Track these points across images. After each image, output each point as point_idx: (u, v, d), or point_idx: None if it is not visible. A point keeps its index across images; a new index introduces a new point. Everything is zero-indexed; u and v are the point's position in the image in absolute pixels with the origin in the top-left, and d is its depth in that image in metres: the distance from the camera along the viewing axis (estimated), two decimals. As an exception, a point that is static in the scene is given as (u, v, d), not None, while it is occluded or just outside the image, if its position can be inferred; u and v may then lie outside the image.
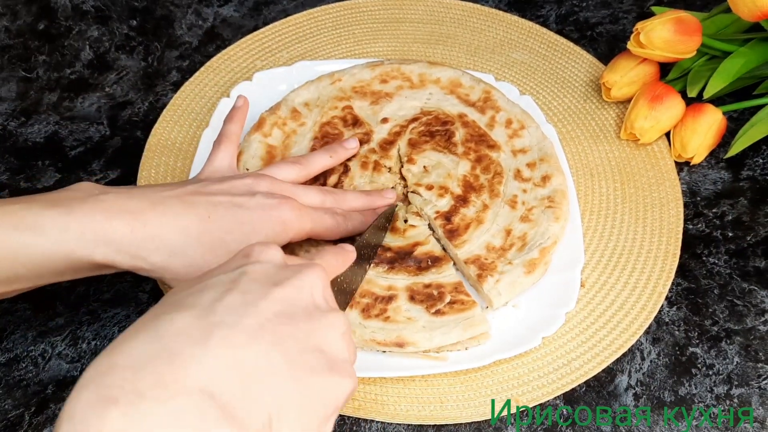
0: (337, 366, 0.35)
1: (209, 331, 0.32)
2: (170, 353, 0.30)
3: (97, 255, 0.43)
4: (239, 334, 0.32)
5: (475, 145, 0.64)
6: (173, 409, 0.28)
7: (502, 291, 0.55)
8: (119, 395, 0.28)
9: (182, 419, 0.28)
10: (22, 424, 0.52)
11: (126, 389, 0.28)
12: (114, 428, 0.27)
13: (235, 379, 0.31)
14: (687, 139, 0.64)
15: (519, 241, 0.58)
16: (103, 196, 0.45)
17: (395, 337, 0.52)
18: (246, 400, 0.31)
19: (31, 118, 0.70)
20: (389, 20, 0.78)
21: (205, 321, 0.32)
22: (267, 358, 0.32)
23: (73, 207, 0.43)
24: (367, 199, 0.58)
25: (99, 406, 0.28)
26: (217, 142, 0.57)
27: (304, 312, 0.36)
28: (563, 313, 0.55)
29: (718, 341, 0.56)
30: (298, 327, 0.35)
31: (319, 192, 0.55)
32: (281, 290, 0.35)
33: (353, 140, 0.62)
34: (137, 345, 0.31)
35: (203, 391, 0.29)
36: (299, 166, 0.56)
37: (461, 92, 0.68)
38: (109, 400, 0.28)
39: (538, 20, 0.79)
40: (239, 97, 0.61)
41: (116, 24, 0.79)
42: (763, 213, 0.64)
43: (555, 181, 0.61)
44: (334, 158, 0.60)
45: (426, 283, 0.55)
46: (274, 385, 0.32)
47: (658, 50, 0.64)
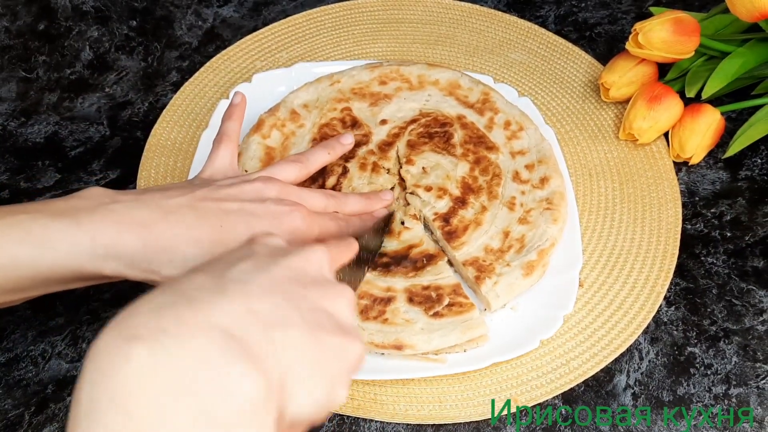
0: (347, 330, 0.36)
1: (225, 285, 0.32)
2: (189, 299, 0.31)
3: (107, 269, 0.43)
4: (254, 287, 0.33)
5: (474, 147, 0.64)
6: (196, 343, 0.29)
7: (500, 293, 0.55)
8: (143, 333, 0.29)
9: (205, 353, 0.29)
10: (22, 423, 0.52)
11: (149, 327, 0.29)
12: (139, 363, 0.28)
13: (254, 324, 0.31)
14: (685, 140, 0.65)
15: (517, 243, 0.58)
16: (113, 205, 0.44)
17: (393, 340, 0.52)
18: (264, 343, 0.31)
19: (31, 119, 0.71)
20: (389, 21, 0.78)
21: (220, 279, 0.33)
22: (281, 310, 0.33)
23: (82, 218, 0.42)
24: (365, 203, 0.58)
25: (123, 343, 0.28)
26: (217, 140, 0.56)
27: (312, 280, 0.36)
28: (561, 316, 0.55)
29: (716, 341, 0.57)
30: (308, 290, 0.35)
31: (323, 196, 0.55)
32: (290, 259, 0.36)
33: (349, 135, 0.61)
34: (156, 296, 0.31)
35: (224, 330, 0.30)
36: (300, 164, 0.56)
37: (460, 94, 0.68)
38: (133, 337, 0.28)
39: (536, 21, 0.79)
40: (236, 94, 0.60)
41: (116, 24, 0.79)
42: (761, 213, 0.64)
43: (553, 183, 0.61)
44: (332, 154, 0.59)
45: (425, 285, 0.55)
46: (290, 335, 0.32)
47: (657, 51, 0.64)
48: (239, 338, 0.30)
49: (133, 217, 0.44)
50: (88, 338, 0.56)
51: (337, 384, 0.34)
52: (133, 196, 0.46)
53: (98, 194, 0.45)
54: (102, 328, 0.30)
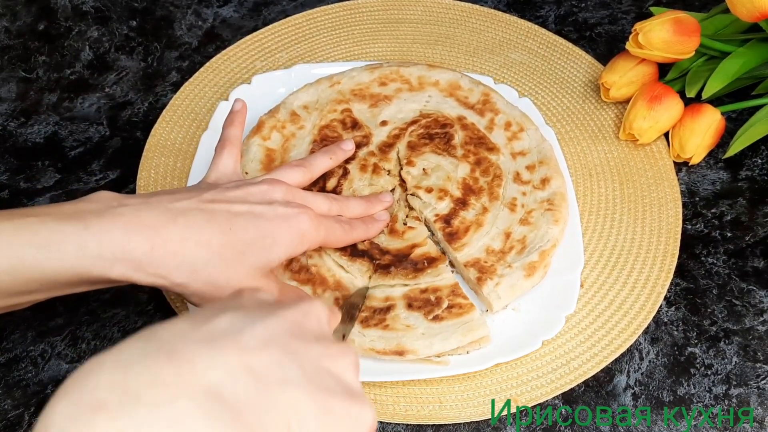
0: (356, 394, 0.32)
1: (213, 336, 0.28)
2: (170, 352, 0.26)
3: (114, 272, 0.42)
4: (248, 339, 0.29)
5: (475, 148, 0.64)
6: (176, 411, 0.24)
7: (501, 294, 0.55)
8: (107, 399, 0.23)
9: (187, 423, 0.24)
10: (22, 424, 0.52)
11: (116, 391, 0.24)
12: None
13: (248, 382, 0.27)
14: (686, 140, 0.65)
15: (518, 244, 0.58)
16: (121, 208, 0.43)
17: (395, 346, 0.52)
18: (260, 407, 0.26)
19: (31, 119, 0.70)
20: (388, 21, 0.78)
21: (206, 328, 0.28)
22: (281, 367, 0.28)
23: (90, 221, 0.42)
24: (366, 205, 0.58)
25: (82, 415, 0.23)
26: (220, 146, 0.56)
27: (313, 336, 0.33)
28: (563, 316, 0.55)
29: (716, 341, 0.57)
30: (310, 347, 0.31)
31: (326, 199, 0.54)
32: (287, 311, 0.33)
33: (349, 141, 0.62)
34: (128, 346, 0.26)
35: (210, 391, 0.25)
36: (303, 168, 0.56)
37: (460, 95, 0.68)
38: (95, 406, 0.23)
39: (537, 21, 0.79)
40: (237, 101, 0.60)
41: (116, 24, 0.79)
42: (761, 213, 0.64)
43: (554, 184, 0.61)
44: (334, 160, 0.60)
45: (422, 288, 0.55)
46: (292, 397, 0.28)
47: (657, 51, 0.64)
48: (230, 401, 0.25)
49: (141, 219, 0.43)
50: (88, 338, 0.56)
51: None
52: (142, 199, 0.45)
53: (106, 198, 0.45)
54: (56, 391, 0.24)
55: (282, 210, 0.48)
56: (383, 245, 0.58)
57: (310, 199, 0.53)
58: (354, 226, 0.55)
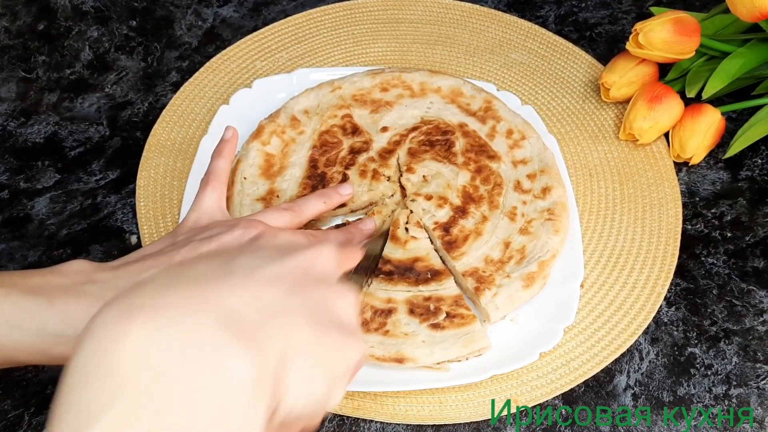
0: (350, 330, 0.35)
1: (231, 271, 0.33)
2: (194, 280, 0.31)
3: None
4: (260, 276, 0.33)
5: (476, 156, 0.63)
6: (198, 319, 0.29)
7: (499, 305, 0.55)
8: (147, 304, 0.29)
9: (205, 329, 0.29)
10: (22, 424, 0.52)
11: (155, 299, 0.29)
12: (144, 331, 0.28)
13: (256, 309, 0.31)
14: (686, 140, 0.65)
15: (518, 254, 0.57)
16: (88, 285, 0.43)
17: (395, 353, 0.51)
18: (264, 330, 0.31)
19: (31, 119, 0.70)
20: (389, 21, 0.78)
21: (225, 265, 0.33)
22: (285, 301, 0.33)
23: (55, 298, 0.41)
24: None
25: (126, 314, 0.28)
26: (204, 181, 0.54)
27: (319, 277, 0.36)
28: (562, 328, 0.54)
29: (716, 341, 0.56)
30: (314, 286, 0.35)
31: (304, 236, 0.53)
32: (300, 253, 0.36)
33: (348, 186, 0.60)
34: (159, 278, 0.32)
35: (225, 310, 0.30)
36: (291, 213, 0.54)
37: (462, 101, 0.67)
38: (137, 308, 0.28)
39: (537, 21, 0.79)
40: (227, 129, 0.58)
41: (116, 24, 0.79)
42: (761, 213, 0.64)
43: (555, 194, 0.60)
44: (328, 203, 0.57)
45: (426, 296, 0.55)
46: (292, 325, 0.32)
47: (657, 51, 0.64)
48: (239, 320, 0.30)
49: (105, 298, 0.42)
50: (88, 338, 0.56)
51: (334, 383, 0.34)
52: (112, 272, 0.45)
53: (76, 271, 0.44)
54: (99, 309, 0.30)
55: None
56: (385, 254, 0.57)
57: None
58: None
